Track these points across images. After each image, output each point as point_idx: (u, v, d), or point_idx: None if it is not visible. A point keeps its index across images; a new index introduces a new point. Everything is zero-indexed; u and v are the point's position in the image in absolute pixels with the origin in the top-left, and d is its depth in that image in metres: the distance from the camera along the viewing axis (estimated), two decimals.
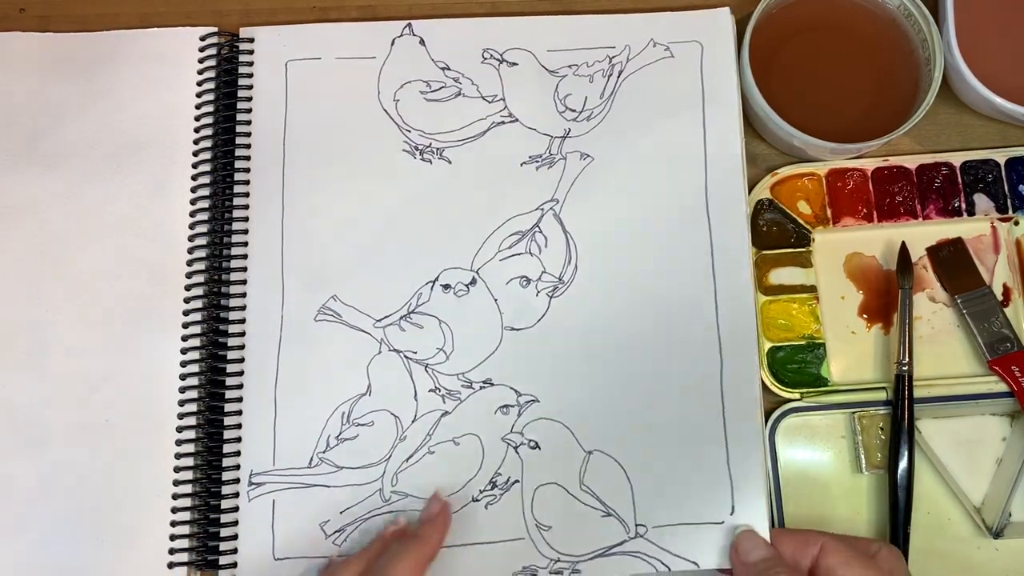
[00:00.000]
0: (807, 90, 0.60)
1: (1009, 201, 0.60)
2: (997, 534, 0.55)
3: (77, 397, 0.59)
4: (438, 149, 0.62)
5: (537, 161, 0.61)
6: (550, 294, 0.59)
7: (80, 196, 0.62)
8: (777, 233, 0.60)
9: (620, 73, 0.62)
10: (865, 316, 0.60)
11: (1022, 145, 0.60)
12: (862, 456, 0.57)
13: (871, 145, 0.57)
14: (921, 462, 0.57)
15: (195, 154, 0.62)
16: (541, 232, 0.60)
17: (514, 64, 0.62)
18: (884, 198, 0.60)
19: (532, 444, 0.57)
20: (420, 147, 0.62)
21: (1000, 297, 0.59)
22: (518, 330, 0.59)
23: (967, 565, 0.56)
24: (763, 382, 0.58)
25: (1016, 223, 0.60)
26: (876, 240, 0.60)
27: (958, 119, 0.62)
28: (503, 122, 0.62)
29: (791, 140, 0.58)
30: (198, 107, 0.63)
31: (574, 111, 0.62)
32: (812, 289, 0.59)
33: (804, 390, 0.58)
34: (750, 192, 0.60)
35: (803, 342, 0.59)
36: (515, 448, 0.57)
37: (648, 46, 0.62)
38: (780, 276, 0.60)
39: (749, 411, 0.56)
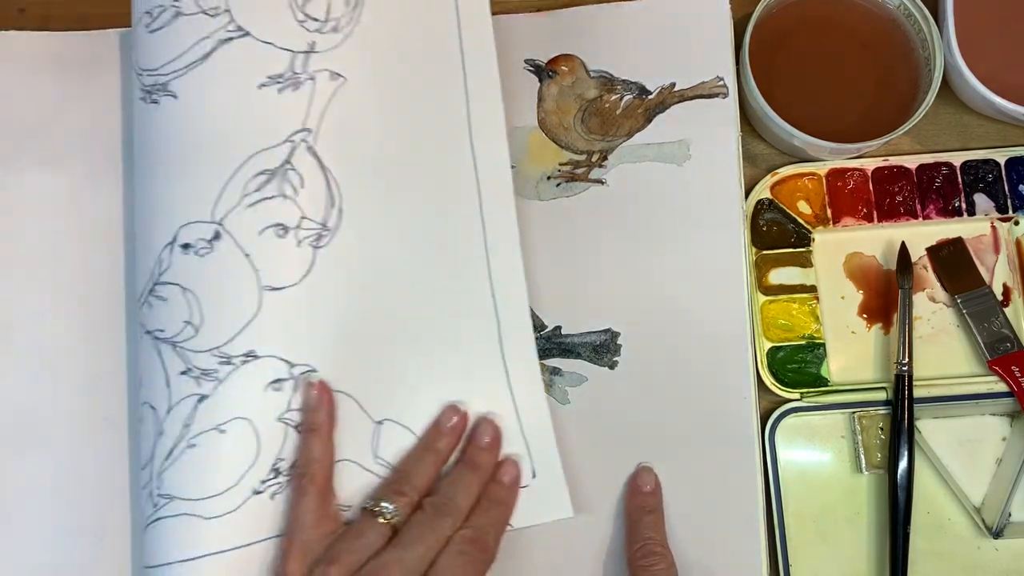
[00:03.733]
0: (807, 90, 0.60)
1: (1009, 201, 0.59)
2: (997, 534, 0.55)
3: (75, 395, 0.59)
4: (163, 84, 0.52)
5: (279, 82, 0.52)
6: (314, 244, 0.52)
7: (78, 194, 0.62)
8: (777, 233, 0.60)
9: None
10: (865, 316, 0.60)
11: (1022, 145, 0.60)
12: (862, 456, 0.57)
13: (871, 145, 0.57)
14: (921, 462, 0.57)
15: None
16: (294, 169, 0.51)
17: None
18: (884, 198, 0.60)
19: None
20: (150, 88, 0.53)
21: (1000, 297, 0.59)
22: (279, 289, 0.51)
23: (967, 565, 0.56)
24: (763, 382, 0.58)
25: (1016, 223, 0.60)
26: (876, 240, 0.60)
27: (958, 119, 0.62)
28: (231, 38, 0.52)
29: (791, 140, 0.58)
30: None
31: (316, 20, 0.54)
32: (812, 289, 0.59)
33: (804, 390, 0.58)
34: (750, 192, 0.60)
35: (803, 342, 0.59)
36: (295, 427, 0.51)
37: None
38: (780, 276, 0.60)
39: (747, 414, 0.56)
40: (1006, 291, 0.59)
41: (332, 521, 0.50)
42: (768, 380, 0.58)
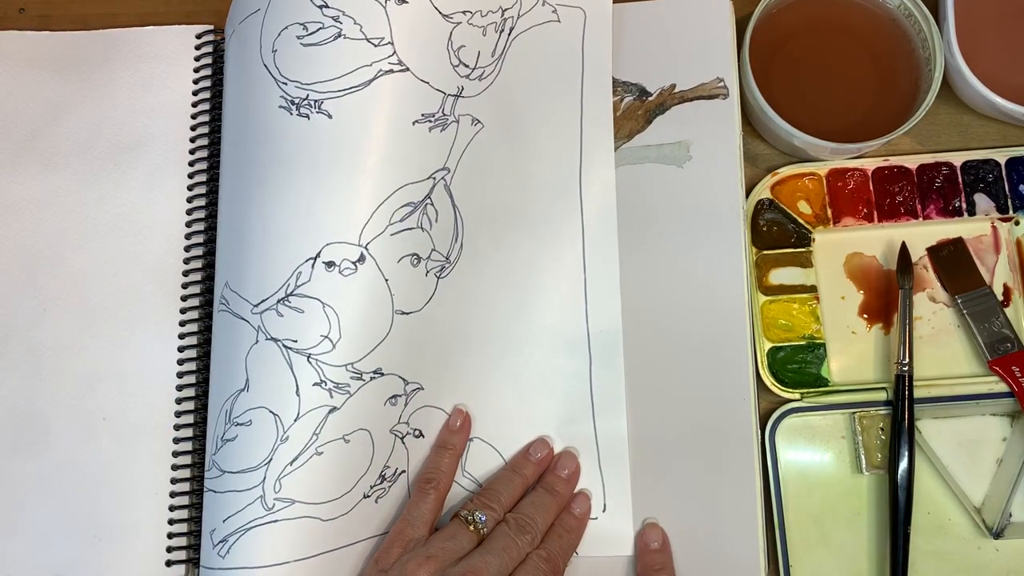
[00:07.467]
0: (807, 90, 0.60)
1: (1009, 201, 0.59)
2: (997, 535, 0.55)
3: (74, 395, 0.59)
4: (316, 101, 0.53)
5: (430, 121, 0.55)
6: (437, 274, 0.56)
7: (77, 194, 0.62)
8: (777, 233, 0.60)
9: (511, 31, 0.59)
10: (865, 316, 0.60)
11: (1022, 145, 0.60)
12: (862, 456, 0.57)
13: (871, 145, 0.57)
14: (921, 462, 0.57)
15: (192, 152, 0.62)
16: (432, 204, 0.55)
17: (404, 2, 0.55)
18: (884, 198, 0.60)
19: (417, 433, 0.56)
20: (296, 100, 0.54)
21: (1000, 297, 0.59)
22: (407, 313, 0.54)
23: (967, 565, 0.56)
24: (763, 383, 0.58)
25: (1017, 223, 0.60)
26: (876, 240, 0.60)
27: (958, 119, 0.62)
28: (392, 71, 0.54)
29: (791, 140, 0.58)
30: (195, 105, 0.63)
31: (467, 66, 0.57)
32: (812, 289, 0.59)
33: (804, 390, 0.58)
34: (750, 192, 0.60)
35: (803, 342, 0.59)
36: (401, 439, 0.55)
37: (537, 4, 0.59)
38: (780, 276, 0.60)
39: (746, 415, 0.56)
40: (1006, 291, 0.59)
41: (433, 528, 0.54)
42: (768, 380, 0.58)
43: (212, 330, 0.56)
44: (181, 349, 0.59)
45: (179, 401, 0.59)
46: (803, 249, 0.60)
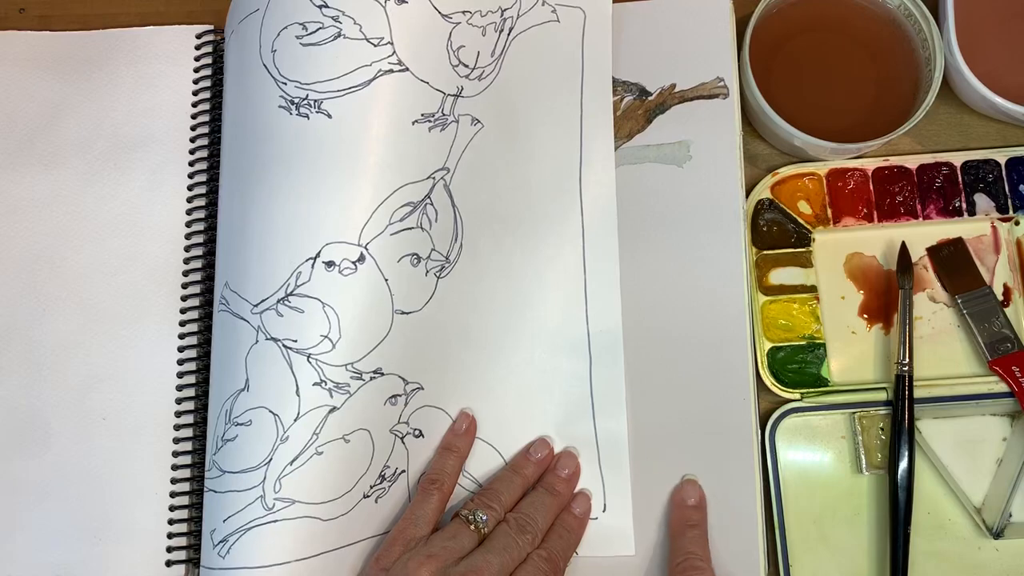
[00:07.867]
0: (807, 90, 0.60)
1: (1009, 201, 0.59)
2: (997, 535, 0.55)
3: (74, 395, 0.59)
4: (316, 101, 0.53)
5: (430, 121, 0.55)
6: (437, 274, 0.55)
7: (77, 194, 0.62)
8: (777, 233, 0.60)
9: (511, 31, 0.59)
10: (865, 316, 0.60)
11: (1022, 145, 0.60)
12: (862, 456, 0.57)
13: (871, 145, 0.57)
14: (921, 462, 0.57)
15: (192, 152, 0.62)
16: (432, 204, 0.55)
17: (403, 2, 0.55)
18: (884, 198, 0.60)
19: (417, 433, 0.56)
20: (296, 100, 0.54)
21: (1000, 297, 0.59)
22: (407, 313, 0.54)
23: (967, 566, 0.56)
24: (763, 383, 0.58)
25: (1016, 223, 0.60)
26: (876, 240, 0.60)
27: (958, 119, 0.62)
28: (392, 70, 0.54)
29: (791, 140, 0.58)
30: (195, 105, 0.63)
31: (467, 66, 0.57)
32: (812, 289, 0.59)
33: (804, 390, 0.58)
34: (750, 192, 0.60)
35: (803, 342, 0.59)
36: (401, 439, 0.56)
37: (536, 4, 0.60)
38: (780, 276, 0.60)
39: (746, 415, 0.56)
40: (1006, 291, 0.59)
41: (435, 530, 0.54)
42: (768, 380, 0.58)
43: (212, 330, 0.56)
44: (181, 349, 0.59)
45: (179, 401, 0.59)
46: (803, 249, 0.60)
